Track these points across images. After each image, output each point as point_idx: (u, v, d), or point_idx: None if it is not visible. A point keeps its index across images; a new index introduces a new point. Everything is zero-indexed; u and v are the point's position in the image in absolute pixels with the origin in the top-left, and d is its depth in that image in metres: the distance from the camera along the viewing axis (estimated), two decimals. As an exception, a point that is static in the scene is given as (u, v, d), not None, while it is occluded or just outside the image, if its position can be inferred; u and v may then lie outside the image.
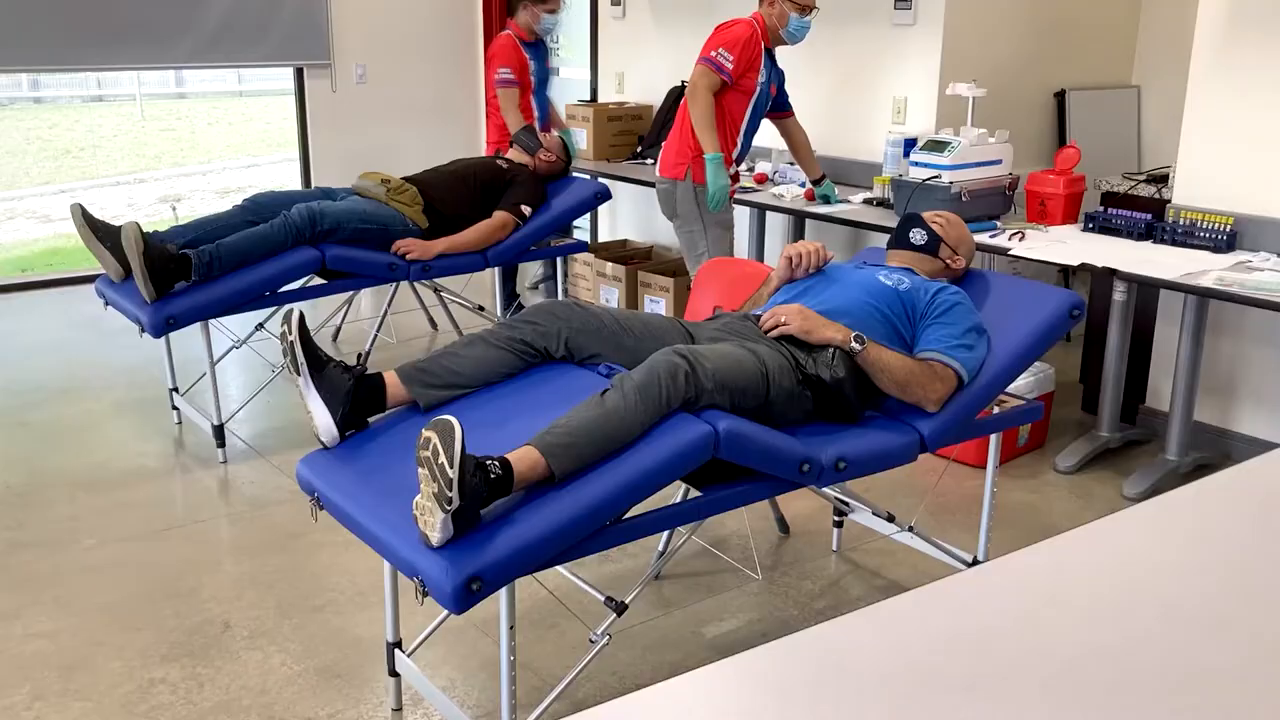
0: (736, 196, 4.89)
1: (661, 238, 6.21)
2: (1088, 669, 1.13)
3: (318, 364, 2.30)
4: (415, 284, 4.63)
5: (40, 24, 5.76)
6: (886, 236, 3.01)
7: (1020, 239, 3.90)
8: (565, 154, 4.77)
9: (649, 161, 5.65)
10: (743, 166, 5.37)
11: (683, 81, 5.67)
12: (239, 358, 4.84)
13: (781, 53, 5.54)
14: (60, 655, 2.75)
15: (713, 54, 4.06)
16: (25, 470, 3.83)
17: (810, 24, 4.17)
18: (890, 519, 3.00)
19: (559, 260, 4.95)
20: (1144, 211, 3.93)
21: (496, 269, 4.56)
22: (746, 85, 4.13)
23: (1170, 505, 1.52)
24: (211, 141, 14.13)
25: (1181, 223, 3.81)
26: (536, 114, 5.26)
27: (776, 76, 4.30)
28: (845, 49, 5.09)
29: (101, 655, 2.75)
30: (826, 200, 4.60)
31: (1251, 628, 1.21)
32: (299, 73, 6.69)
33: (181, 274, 3.68)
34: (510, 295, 5.42)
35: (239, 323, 4.35)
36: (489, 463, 1.95)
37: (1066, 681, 1.10)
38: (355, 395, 2.32)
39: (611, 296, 5.58)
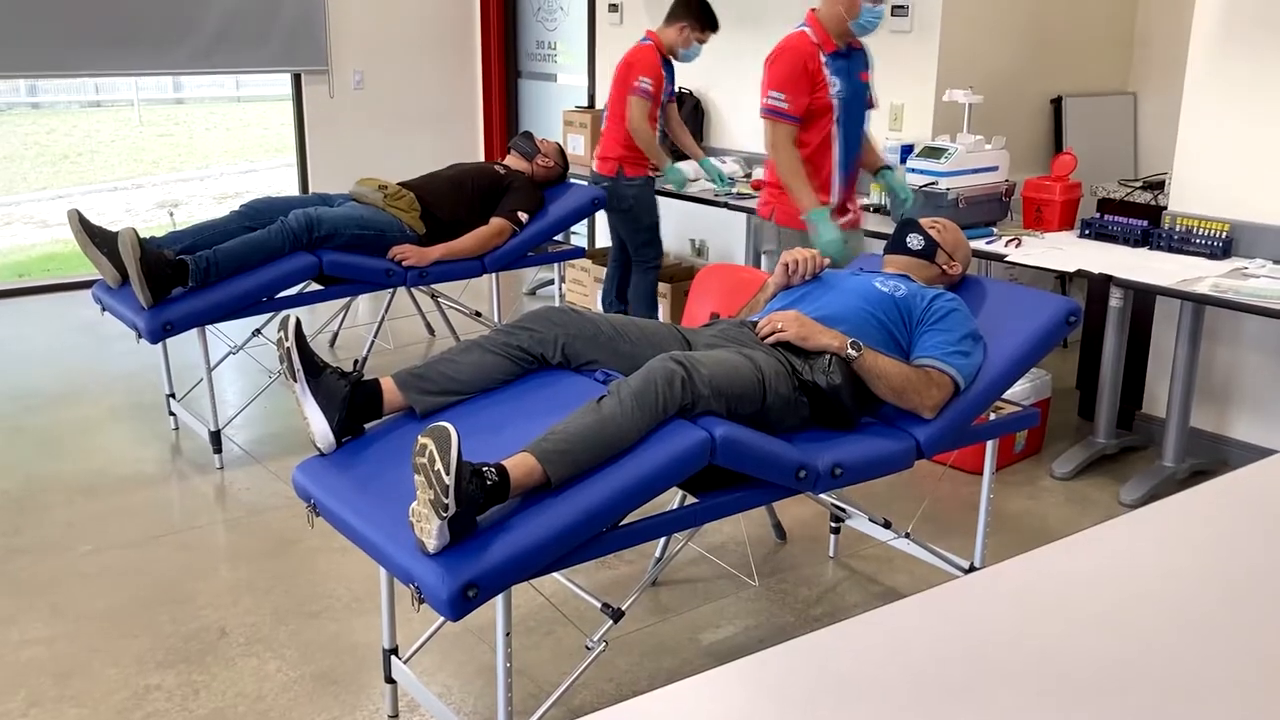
0: (734, 202, 4.90)
1: (659, 244, 6.21)
2: (1085, 676, 1.13)
3: (314, 370, 2.30)
4: (412, 290, 4.63)
5: (39, 29, 5.76)
6: (883, 242, 3.01)
7: (1017, 245, 3.90)
8: (562, 160, 4.77)
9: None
10: (741, 173, 5.39)
11: (682, 88, 5.69)
12: (236, 363, 4.83)
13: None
14: (56, 662, 2.74)
15: (767, 101, 3.62)
16: (22, 476, 3.82)
17: (883, 13, 3.67)
18: (887, 525, 3.00)
19: (556, 266, 4.95)
20: (1140, 218, 3.94)
21: (497, 274, 4.56)
22: (820, 106, 3.64)
23: (1167, 512, 1.53)
24: (209, 147, 14.13)
25: (1178, 229, 3.81)
26: (658, 129, 4.90)
27: (860, 65, 3.75)
28: (842, 55, 5.10)
29: (97, 661, 2.74)
30: (895, 196, 3.98)
31: (1249, 634, 1.21)
32: (296, 78, 6.69)
33: (178, 280, 3.68)
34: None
35: (236, 329, 4.35)
36: (485, 469, 1.95)
37: (1064, 688, 1.10)
38: (352, 401, 2.32)
39: (609, 302, 5.57)
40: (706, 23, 4.74)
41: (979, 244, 3.89)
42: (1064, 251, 3.82)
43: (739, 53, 5.50)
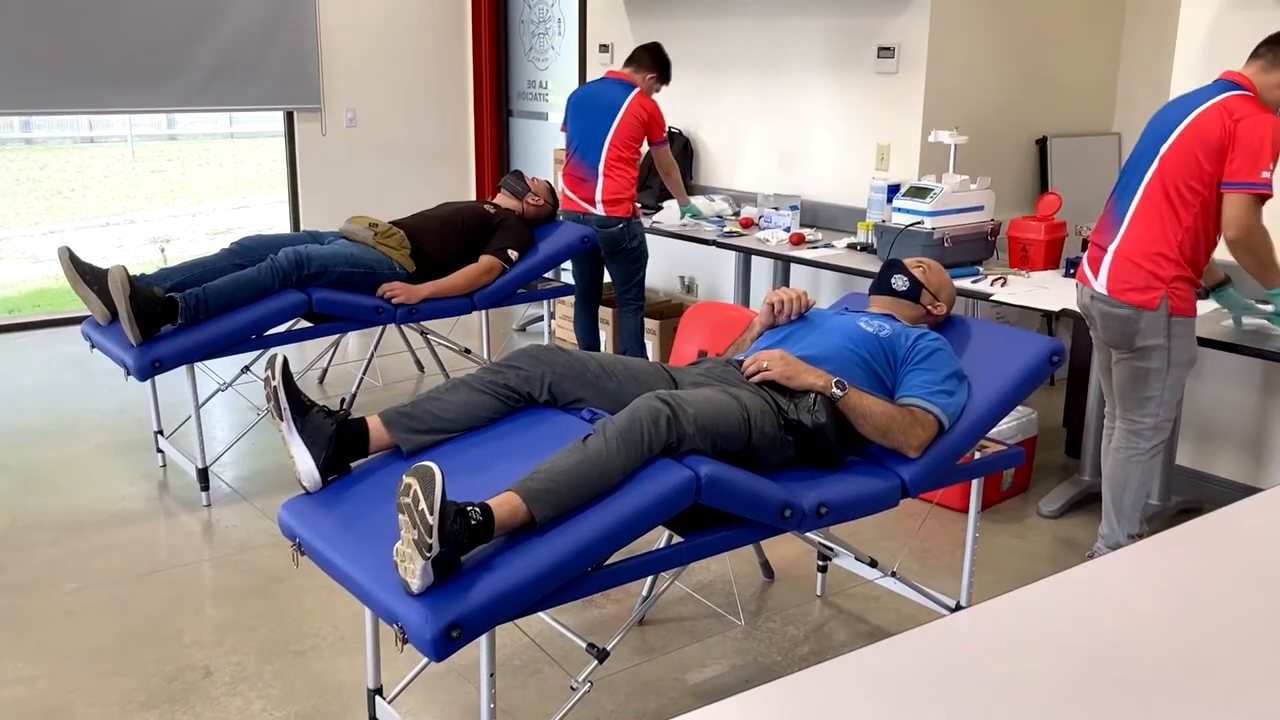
0: (726, 242, 4.93)
1: (648, 282, 6.23)
2: (1072, 714, 1.13)
3: (301, 409, 2.31)
4: (402, 327, 4.64)
5: (34, 67, 5.80)
6: (870, 281, 3.03)
7: (1002, 284, 3.93)
8: (552, 198, 4.81)
9: (636, 206, 5.67)
10: (730, 211, 5.43)
11: (673, 128, 5.73)
12: (224, 400, 4.83)
13: (757, 97, 5.60)
14: (38, 702, 2.72)
15: (1265, 176, 2.98)
16: (7, 512, 3.80)
17: None
18: (873, 564, 3.00)
19: (546, 303, 4.97)
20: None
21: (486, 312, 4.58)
22: None
23: (1153, 550, 1.53)
24: (202, 183, 14.16)
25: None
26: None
27: None
28: (829, 96, 5.16)
29: (80, 702, 2.72)
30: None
31: (1234, 673, 1.22)
32: (289, 116, 6.74)
33: (168, 317, 3.69)
34: None
35: (225, 366, 4.35)
36: (470, 509, 1.95)
37: (1040, 731, 1.11)
38: (338, 440, 2.32)
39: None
40: (667, 78, 4.94)
41: (965, 283, 3.91)
42: (1049, 290, 3.85)
43: (731, 93, 5.56)
